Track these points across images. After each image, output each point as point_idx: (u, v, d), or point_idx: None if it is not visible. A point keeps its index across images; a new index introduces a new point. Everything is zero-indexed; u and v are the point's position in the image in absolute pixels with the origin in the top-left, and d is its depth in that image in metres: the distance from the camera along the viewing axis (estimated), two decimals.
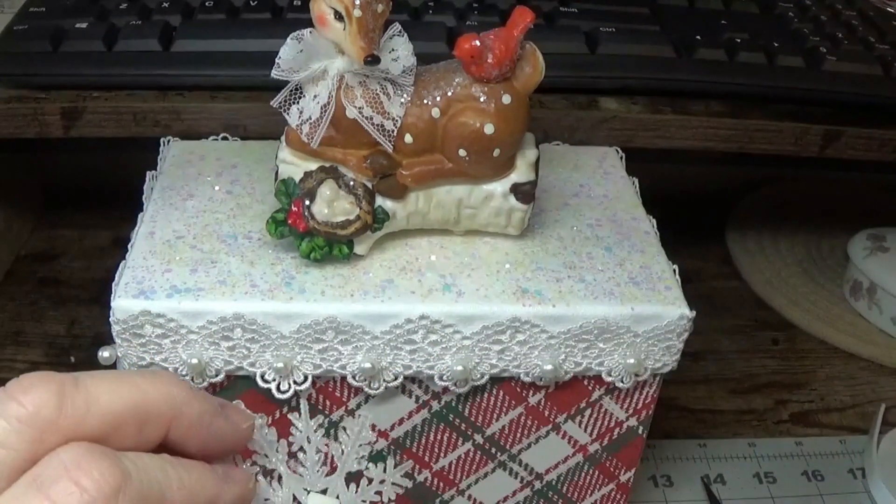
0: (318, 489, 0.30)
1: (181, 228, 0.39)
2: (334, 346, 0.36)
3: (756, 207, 0.78)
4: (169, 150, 0.45)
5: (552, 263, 0.39)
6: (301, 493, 0.29)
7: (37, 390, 0.23)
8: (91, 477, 0.22)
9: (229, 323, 0.35)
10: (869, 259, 0.66)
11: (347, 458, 0.31)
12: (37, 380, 0.23)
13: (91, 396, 0.24)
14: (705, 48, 0.52)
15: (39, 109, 0.48)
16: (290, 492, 0.29)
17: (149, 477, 0.23)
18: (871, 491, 0.53)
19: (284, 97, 0.36)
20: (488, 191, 0.38)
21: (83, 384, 0.24)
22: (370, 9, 0.33)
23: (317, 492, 0.30)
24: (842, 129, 0.52)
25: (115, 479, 0.22)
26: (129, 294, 0.35)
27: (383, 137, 0.36)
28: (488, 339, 0.37)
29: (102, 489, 0.22)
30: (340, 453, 0.31)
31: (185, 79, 0.49)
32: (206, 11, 0.52)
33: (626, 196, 0.44)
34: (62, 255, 0.68)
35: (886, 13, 0.60)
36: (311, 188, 0.36)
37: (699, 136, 0.52)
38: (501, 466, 0.42)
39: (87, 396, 0.24)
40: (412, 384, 0.39)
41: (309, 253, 0.37)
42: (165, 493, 0.24)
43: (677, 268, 0.40)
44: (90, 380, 0.24)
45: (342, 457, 0.31)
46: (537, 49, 0.36)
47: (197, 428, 0.26)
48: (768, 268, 0.71)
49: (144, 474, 0.23)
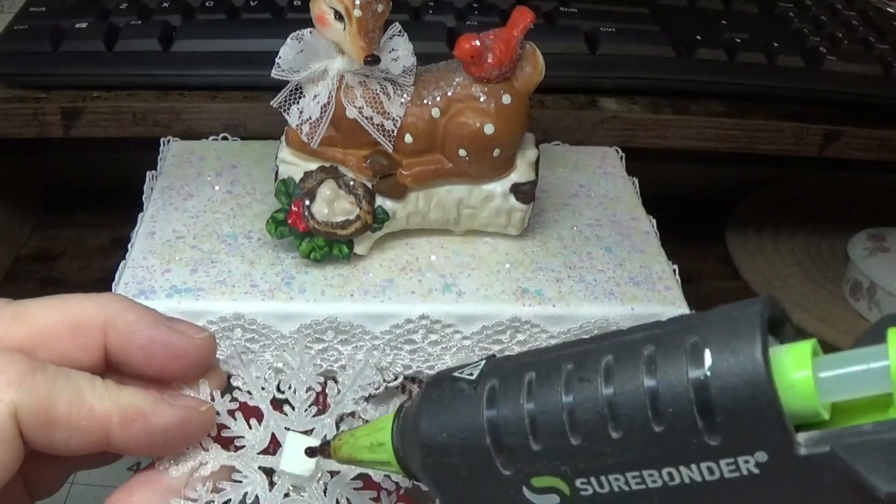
0: (303, 430, 0.27)
1: (181, 228, 0.39)
2: (334, 346, 0.36)
3: (756, 207, 0.78)
4: (169, 150, 0.45)
5: (552, 263, 0.39)
6: (281, 433, 0.27)
7: None
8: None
9: (229, 323, 0.35)
10: (869, 259, 0.66)
11: (343, 397, 0.28)
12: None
13: (20, 308, 0.24)
14: (705, 48, 0.52)
15: (39, 109, 0.48)
16: (268, 431, 0.27)
17: (65, 375, 0.23)
18: None
19: (284, 97, 0.36)
20: (488, 191, 0.38)
21: (16, 302, 0.24)
22: (370, 9, 0.33)
23: (300, 432, 0.27)
24: (842, 129, 0.52)
25: (23, 367, 0.22)
26: (128, 294, 0.35)
27: (383, 137, 0.36)
28: (488, 339, 0.37)
29: (7, 372, 0.22)
30: (336, 392, 0.28)
31: (185, 79, 0.49)
32: (206, 11, 0.52)
33: (626, 196, 0.44)
34: (62, 255, 0.68)
35: (886, 13, 0.60)
36: (311, 188, 0.36)
37: (699, 136, 0.52)
38: None
39: (16, 309, 0.24)
40: (412, 384, 0.39)
41: (309, 253, 0.37)
42: (85, 393, 0.23)
43: (677, 268, 0.39)
44: (28, 300, 0.25)
45: (337, 396, 0.28)
46: (537, 49, 0.36)
47: (136, 335, 0.25)
48: (768, 268, 0.71)
49: (60, 372, 0.23)
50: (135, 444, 0.24)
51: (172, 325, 0.26)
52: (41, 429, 0.22)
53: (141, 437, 0.24)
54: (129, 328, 0.25)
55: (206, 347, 0.26)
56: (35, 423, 0.22)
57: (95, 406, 0.23)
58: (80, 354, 0.25)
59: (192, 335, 0.26)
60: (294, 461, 0.26)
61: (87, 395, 0.23)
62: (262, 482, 0.26)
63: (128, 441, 0.24)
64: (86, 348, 0.25)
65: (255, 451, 0.27)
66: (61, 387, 0.23)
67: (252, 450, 0.27)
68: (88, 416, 0.23)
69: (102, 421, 0.23)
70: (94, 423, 0.23)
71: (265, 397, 0.27)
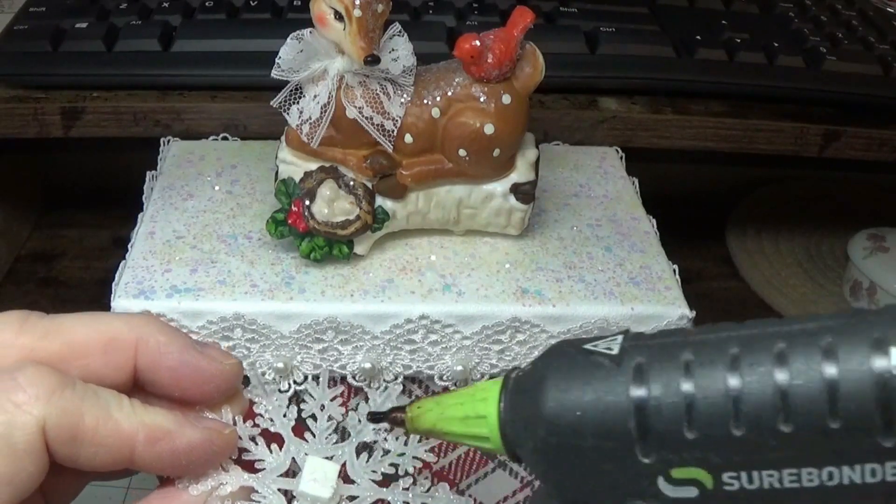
0: (323, 456, 0.28)
1: (181, 228, 0.39)
2: (334, 346, 0.36)
3: (756, 207, 0.78)
4: (169, 150, 0.45)
5: (552, 263, 0.39)
6: (301, 458, 0.27)
7: (3, 316, 0.24)
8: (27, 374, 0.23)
9: (229, 323, 0.35)
10: (869, 259, 0.66)
11: (364, 426, 0.28)
12: (7, 312, 0.25)
13: (53, 322, 0.25)
14: (705, 48, 0.52)
15: (39, 109, 0.48)
16: (288, 456, 0.27)
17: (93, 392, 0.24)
18: None
19: (284, 97, 0.36)
20: (488, 191, 0.38)
21: (50, 316, 0.25)
22: (370, 9, 0.33)
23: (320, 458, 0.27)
24: (842, 129, 0.52)
25: (52, 382, 0.23)
26: (129, 294, 0.35)
27: (383, 137, 0.36)
28: (488, 338, 0.37)
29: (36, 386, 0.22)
30: (357, 422, 0.28)
31: (185, 79, 0.49)
32: (206, 11, 0.52)
33: (626, 196, 0.44)
34: (62, 255, 0.68)
35: (886, 13, 0.60)
36: (311, 188, 0.36)
37: (699, 136, 0.52)
38: (501, 466, 0.42)
39: (49, 323, 0.25)
40: (412, 384, 0.39)
41: (309, 253, 0.37)
42: (112, 410, 0.24)
43: (677, 268, 0.39)
44: (61, 315, 0.25)
45: (358, 426, 0.28)
46: (537, 49, 0.36)
47: (166, 357, 0.26)
48: (768, 268, 0.71)
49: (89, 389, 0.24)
50: (158, 462, 0.25)
51: (202, 349, 0.26)
52: (67, 443, 0.23)
53: (165, 457, 0.25)
54: (159, 349, 0.26)
55: (232, 373, 0.27)
56: (61, 438, 0.23)
57: (122, 424, 0.24)
58: (109, 372, 0.25)
59: (221, 360, 0.27)
60: (313, 484, 0.27)
61: (114, 413, 0.24)
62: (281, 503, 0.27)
63: (152, 460, 0.24)
64: (116, 367, 0.25)
65: (275, 474, 0.27)
66: (89, 403, 0.23)
67: (272, 472, 0.27)
68: (114, 433, 0.24)
69: (128, 439, 0.24)
70: (119, 441, 0.24)
71: (286, 424, 0.28)
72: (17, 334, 0.24)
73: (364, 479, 0.28)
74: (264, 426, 0.28)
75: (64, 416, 0.23)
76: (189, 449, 0.25)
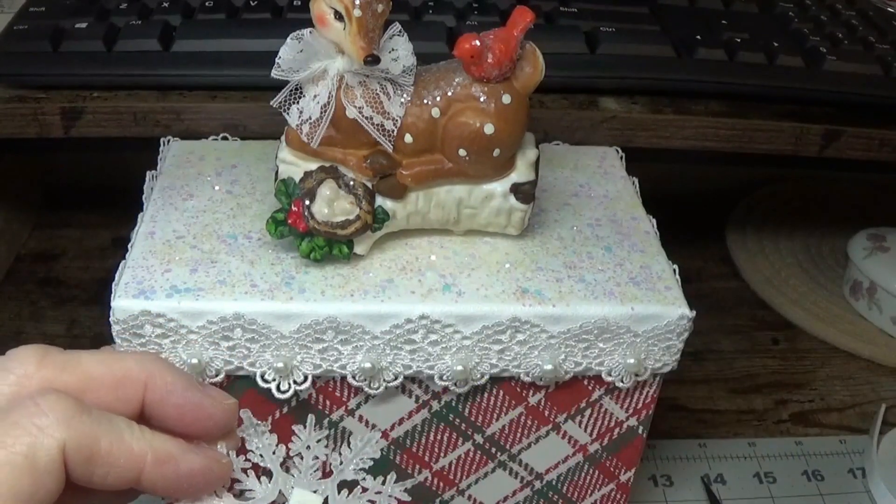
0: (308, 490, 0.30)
1: (181, 228, 0.39)
2: (334, 346, 0.36)
3: (756, 207, 0.78)
4: (169, 150, 0.45)
5: (552, 263, 0.39)
6: (287, 490, 0.30)
7: (25, 350, 0.27)
8: (49, 401, 0.25)
9: (229, 323, 0.35)
10: (869, 259, 0.66)
11: (345, 468, 0.32)
12: (28, 346, 0.27)
13: (70, 358, 0.27)
14: (705, 48, 0.52)
15: (39, 109, 0.48)
16: (276, 487, 0.30)
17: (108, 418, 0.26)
18: (871, 491, 0.53)
19: (284, 97, 0.36)
20: (488, 191, 0.38)
21: (67, 351, 0.27)
22: (370, 9, 0.33)
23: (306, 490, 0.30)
24: (842, 129, 0.52)
25: (72, 408, 0.25)
26: (129, 294, 0.35)
27: (383, 137, 0.36)
28: (488, 338, 0.37)
29: (57, 411, 0.25)
30: (339, 463, 0.32)
31: (185, 79, 0.49)
32: (206, 11, 0.52)
33: (626, 196, 0.44)
34: (62, 255, 0.68)
35: (886, 13, 0.60)
36: (311, 188, 0.36)
37: (699, 136, 0.52)
38: (501, 466, 0.42)
39: (67, 358, 0.27)
40: (412, 384, 0.39)
41: (309, 253, 0.37)
42: (124, 434, 0.26)
43: (677, 268, 0.40)
44: (78, 351, 0.28)
45: (339, 466, 0.31)
46: (537, 49, 0.36)
47: (172, 395, 0.28)
48: (768, 268, 0.71)
49: (104, 416, 0.26)
50: (163, 483, 0.27)
51: (204, 388, 0.29)
52: (83, 464, 0.25)
53: (169, 478, 0.27)
54: (166, 387, 0.28)
55: (230, 411, 0.30)
56: (79, 459, 0.25)
57: (133, 447, 0.26)
58: (120, 406, 0.27)
59: (221, 400, 0.30)
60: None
61: (125, 437, 0.26)
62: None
63: (157, 481, 0.27)
64: (126, 401, 0.28)
65: (264, 503, 0.30)
66: (104, 428, 0.26)
67: (261, 501, 0.30)
68: (126, 455, 0.26)
69: (138, 460, 0.26)
70: (130, 462, 0.26)
71: (275, 460, 0.31)
72: (37, 367, 0.26)
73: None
74: (255, 461, 0.31)
75: (82, 439, 0.25)
76: (191, 473, 0.28)
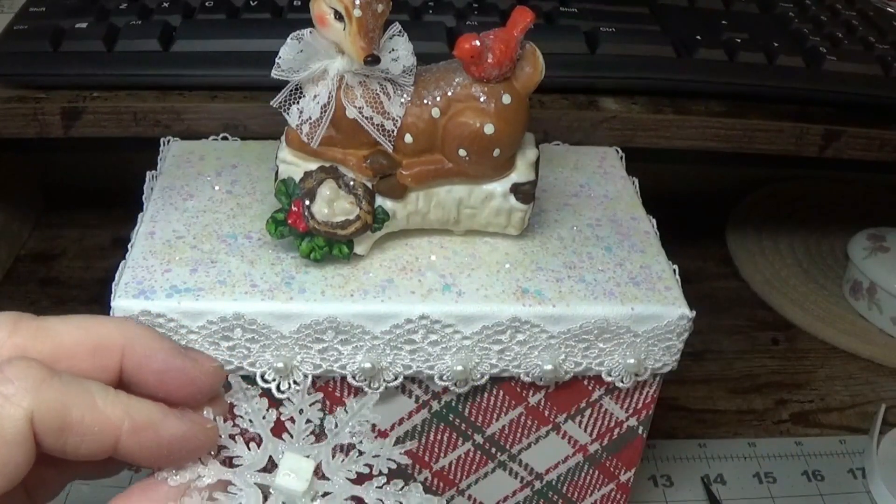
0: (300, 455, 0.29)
1: (181, 228, 0.39)
2: (334, 346, 0.36)
3: (756, 207, 0.78)
4: (169, 150, 0.45)
5: (552, 263, 0.39)
6: (278, 456, 0.28)
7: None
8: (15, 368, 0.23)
9: (229, 323, 0.35)
10: (869, 259, 0.66)
11: (341, 430, 0.29)
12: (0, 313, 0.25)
13: (44, 324, 0.25)
14: (705, 48, 0.52)
15: (39, 109, 0.48)
16: (266, 454, 0.28)
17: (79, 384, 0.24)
18: (871, 491, 0.53)
19: (284, 97, 0.36)
20: (488, 191, 0.38)
21: (41, 318, 0.26)
22: (370, 9, 0.33)
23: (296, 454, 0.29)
24: (842, 129, 0.52)
25: (39, 375, 0.23)
26: (129, 294, 0.35)
27: (383, 137, 0.36)
28: (488, 339, 0.37)
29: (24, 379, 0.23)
30: (334, 426, 0.30)
31: (185, 79, 0.49)
32: (206, 11, 0.52)
33: (626, 196, 0.44)
34: (62, 255, 0.68)
35: (886, 13, 0.60)
36: (311, 188, 0.36)
37: (699, 136, 0.52)
38: (501, 466, 0.42)
39: (40, 324, 0.25)
40: (412, 384, 0.39)
41: (309, 253, 0.37)
42: (97, 400, 0.24)
43: (677, 268, 0.40)
44: (51, 317, 0.26)
45: (335, 429, 0.30)
46: (537, 49, 0.36)
47: (152, 360, 0.26)
48: (768, 268, 0.71)
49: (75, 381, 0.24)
50: (142, 452, 0.25)
51: (186, 352, 0.27)
52: (55, 433, 0.23)
53: (149, 446, 0.25)
54: (146, 353, 0.26)
55: (215, 376, 0.28)
56: (49, 428, 0.23)
57: (108, 413, 0.24)
58: (97, 374, 0.26)
59: (204, 363, 0.27)
60: (289, 478, 0.27)
61: (99, 403, 0.24)
62: (256, 496, 0.27)
63: (135, 449, 0.25)
64: (103, 369, 0.26)
65: (253, 469, 0.28)
66: (75, 393, 0.24)
67: (249, 468, 0.28)
68: (101, 422, 0.24)
69: (114, 428, 0.24)
70: (105, 430, 0.24)
71: (265, 425, 0.29)
72: (9, 334, 0.25)
73: (339, 477, 0.28)
74: (243, 426, 0.29)
75: (52, 407, 0.23)
76: (172, 440, 0.26)
